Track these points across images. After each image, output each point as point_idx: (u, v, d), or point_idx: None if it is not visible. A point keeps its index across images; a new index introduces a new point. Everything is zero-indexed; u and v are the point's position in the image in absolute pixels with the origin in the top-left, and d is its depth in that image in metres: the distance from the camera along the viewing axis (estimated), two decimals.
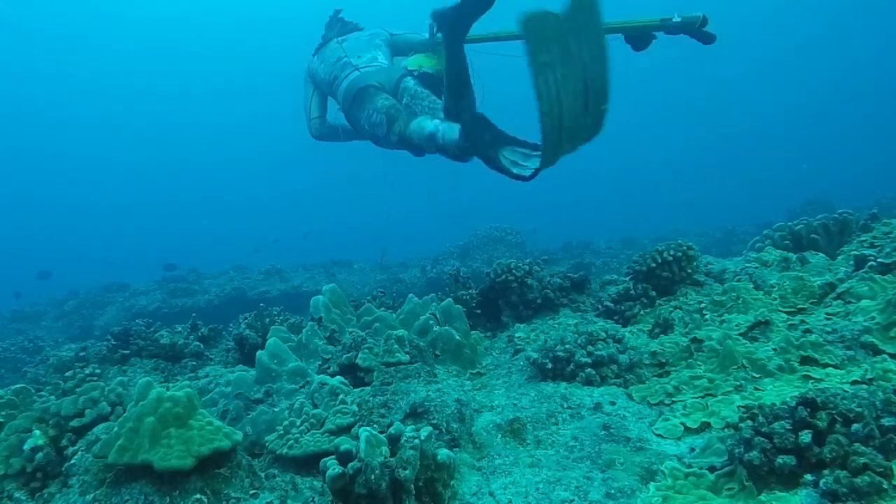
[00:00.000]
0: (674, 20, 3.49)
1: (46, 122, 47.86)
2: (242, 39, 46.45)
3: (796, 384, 2.47)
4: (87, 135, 49.47)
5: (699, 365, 2.88)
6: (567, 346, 3.10)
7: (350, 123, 4.54)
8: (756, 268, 3.91)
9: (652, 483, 2.03)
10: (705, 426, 2.37)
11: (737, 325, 3.12)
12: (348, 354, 3.32)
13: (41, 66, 44.25)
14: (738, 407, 2.36)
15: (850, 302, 3.01)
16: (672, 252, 3.94)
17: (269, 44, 46.03)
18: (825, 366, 2.56)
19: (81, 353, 4.46)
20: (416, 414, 2.65)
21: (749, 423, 1.91)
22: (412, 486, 1.91)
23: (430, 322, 3.63)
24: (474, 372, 3.48)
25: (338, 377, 3.06)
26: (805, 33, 41.72)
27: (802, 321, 3.01)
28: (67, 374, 3.70)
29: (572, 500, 2.05)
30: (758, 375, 2.62)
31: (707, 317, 3.40)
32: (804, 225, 4.46)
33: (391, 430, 2.01)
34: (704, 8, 3.55)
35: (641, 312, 3.88)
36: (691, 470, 2.00)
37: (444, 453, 2.04)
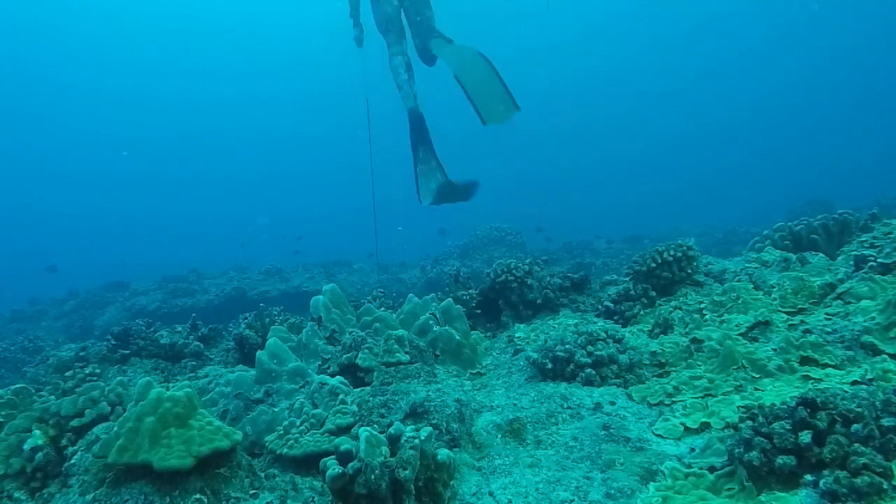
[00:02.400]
0: None
1: (47, 124, 47.91)
2: (244, 39, 46.46)
3: (796, 384, 2.47)
4: (87, 135, 49.48)
5: (699, 365, 2.88)
6: (567, 346, 3.10)
7: None
8: (756, 268, 3.91)
9: (652, 483, 2.03)
10: (705, 426, 2.37)
11: (737, 326, 3.12)
12: (348, 354, 3.32)
13: (46, 71, 44.38)
14: (738, 407, 2.36)
15: (850, 302, 3.01)
16: (672, 252, 3.94)
17: (270, 44, 46.08)
18: (825, 366, 2.56)
19: (81, 353, 4.46)
20: (416, 414, 2.65)
21: (749, 423, 1.91)
22: (412, 486, 1.91)
23: (430, 322, 3.63)
24: (474, 372, 3.48)
25: (338, 377, 3.06)
26: (806, 35, 41.73)
27: (802, 321, 3.01)
28: (67, 374, 3.71)
29: (572, 501, 2.05)
30: (758, 376, 2.62)
31: (707, 317, 3.40)
32: (804, 225, 4.46)
33: (391, 430, 2.01)
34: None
35: (641, 312, 3.88)
36: (691, 470, 2.00)
37: (444, 453, 2.04)
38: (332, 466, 1.88)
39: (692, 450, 2.21)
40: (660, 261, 3.95)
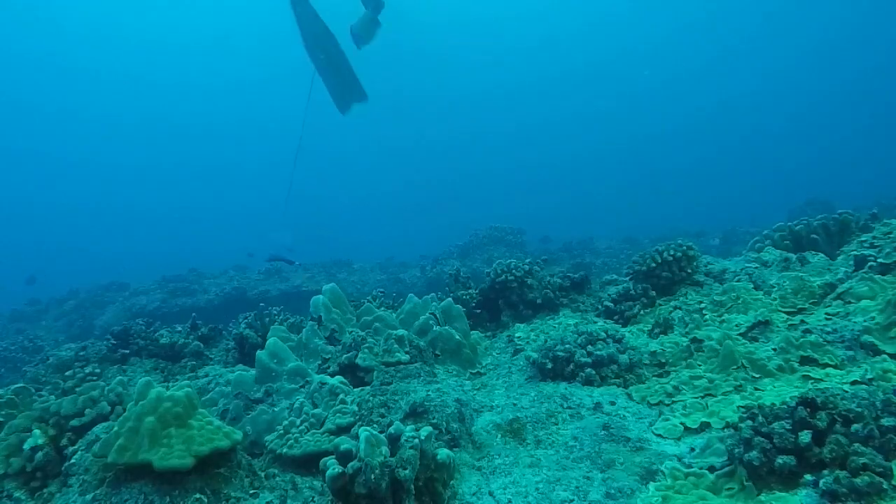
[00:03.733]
0: None
1: (46, 124, 47.90)
2: (246, 42, 46.40)
3: (796, 384, 2.47)
4: (88, 136, 49.48)
5: (699, 365, 2.88)
6: (567, 345, 3.10)
7: None
8: (756, 268, 3.91)
9: (652, 483, 2.03)
10: (705, 426, 2.37)
11: (737, 325, 3.12)
12: (348, 354, 3.32)
13: (43, 69, 44.35)
14: (738, 407, 2.36)
15: (849, 302, 3.01)
16: (672, 252, 3.94)
17: (272, 48, 46.03)
18: (825, 366, 2.56)
19: (81, 353, 4.46)
20: (415, 414, 2.65)
21: (749, 423, 1.91)
22: (412, 485, 1.91)
23: (430, 322, 3.63)
24: (474, 372, 3.48)
25: (338, 377, 3.05)
26: (806, 35, 41.74)
27: (802, 321, 3.01)
28: (67, 373, 3.71)
29: (572, 500, 2.05)
30: (758, 375, 2.62)
31: (707, 317, 3.40)
32: (804, 225, 4.46)
33: (391, 429, 2.01)
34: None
35: (641, 312, 3.88)
36: (691, 470, 2.00)
37: (443, 453, 2.04)
38: (332, 466, 1.88)
39: (692, 449, 2.21)
40: (660, 260, 3.95)
